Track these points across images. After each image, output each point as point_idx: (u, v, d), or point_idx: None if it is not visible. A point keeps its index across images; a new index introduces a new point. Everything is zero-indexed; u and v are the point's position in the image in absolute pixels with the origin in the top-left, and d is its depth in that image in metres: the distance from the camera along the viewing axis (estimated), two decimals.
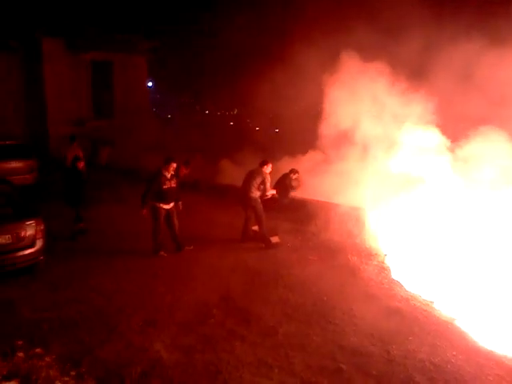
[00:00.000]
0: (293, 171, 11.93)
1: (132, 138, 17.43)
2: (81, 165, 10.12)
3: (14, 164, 12.87)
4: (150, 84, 22.32)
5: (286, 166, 12.68)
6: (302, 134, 14.24)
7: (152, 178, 8.91)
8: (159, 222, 8.91)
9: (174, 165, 9.01)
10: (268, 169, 9.76)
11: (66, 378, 3.56)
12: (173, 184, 8.92)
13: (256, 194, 9.52)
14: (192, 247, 9.26)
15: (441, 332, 6.21)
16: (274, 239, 9.69)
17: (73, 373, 3.72)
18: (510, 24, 9.90)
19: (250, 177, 9.66)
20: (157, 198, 8.81)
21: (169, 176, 8.87)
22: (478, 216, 8.26)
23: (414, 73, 10.80)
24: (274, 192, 10.10)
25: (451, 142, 9.86)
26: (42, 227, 8.01)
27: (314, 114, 12.65)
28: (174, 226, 9.09)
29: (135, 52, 20.15)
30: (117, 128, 18.31)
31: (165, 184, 8.79)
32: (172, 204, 9.00)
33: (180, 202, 9.16)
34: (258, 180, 9.55)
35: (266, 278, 8.01)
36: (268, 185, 9.68)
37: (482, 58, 9.96)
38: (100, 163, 15.28)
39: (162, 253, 8.97)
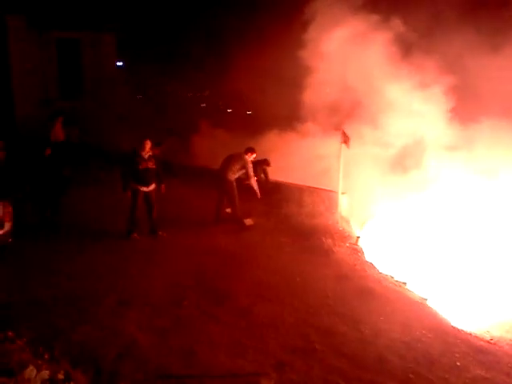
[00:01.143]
0: (266, 162, 11.56)
1: (103, 118, 17.07)
2: (48, 152, 8.89)
3: None
4: (120, 64, 21.82)
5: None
6: (276, 116, 14.11)
7: (127, 158, 8.71)
8: (136, 203, 8.76)
9: (149, 143, 8.74)
10: (251, 157, 9.75)
11: (40, 362, 3.49)
12: (150, 165, 8.68)
13: (233, 177, 9.49)
14: (165, 234, 9.03)
15: (412, 312, 6.37)
16: (248, 221, 9.70)
17: (46, 356, 3.66)
18: None
19: (231, 160, 9.61)
20: (134, 179, 8.65)
21: (146, 156, 8.66)
22: (448, 199, 8.44)
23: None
24: (255, 180, 9.91)
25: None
26: (9, 209, 7.79)
27: (289, 97, 12.55)
28: (152, 208, 8.94)
29: (103, 30, 19.60)
30: (86, 108, 17.88)
31: (141, 164, 8.59)
32: (152, 186, 8.81)
33: (163, 185, 8.94)
34: (238, 165, 9.52)
35: (240, 259, 8.03)
36: (250, 171, 9.61)
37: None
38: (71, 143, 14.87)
39: (135, 235, 8.85)
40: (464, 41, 10.05)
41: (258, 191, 9.86)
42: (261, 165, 11.17)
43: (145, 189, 8.76)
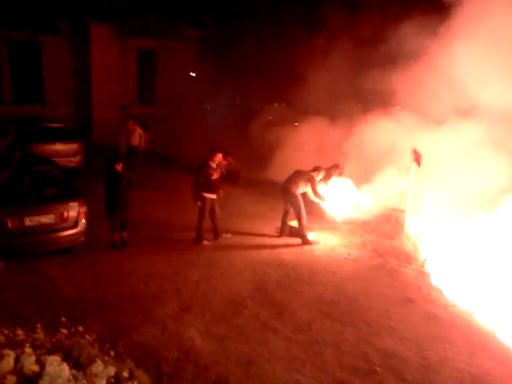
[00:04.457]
0: (337, 166, 11.01)
1: (173, 126, 17.58)
2: (119, 166, 8.43)
3: (60, 146, 13.12)
4: (193, 74, 22.43)
5: None
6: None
7: (200, 169, 9.05)
8: (205, 211, 9.12)
9: (220, 155, 9.26)
10: (319, 176, 9.76)
11: (106, 358, 3.60)
12: (217, 174, 9.14)
13: (297, 190, 9.46)
14: (229, 235, 9.48)
15: (480, 342, 6.04)
16: (311, 236, 9.62)
17: (112, 353, 3.77)
18: None
19: (297, 175, 9.60)
20: (205, 188, 8.99)
21: (215, 166, 9.10)
22: None
23: None
24: (320, 195, 9.77)
25: None
26: (84, 209, 8.15)
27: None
28: (215, 215, 9.33)
29: (181, 40, 20.22)
30: (158, 115, 18.49)
31: (212, 175, 9.00)
32: (216, 194, 9.23)
33: (221, 191, 9.38)
34: (303, 181, 9.51)
35: (301, 273, 7.98)
36: (315, 187, 9.59)
37: None
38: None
39: (205, 242, 9.14)
40: None
41: (324, 200, 9.87)
42: (330, 171, 10.76)
43: (212, 196, 9.18)
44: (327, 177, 10.46)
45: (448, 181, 9.22)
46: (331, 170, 10.89)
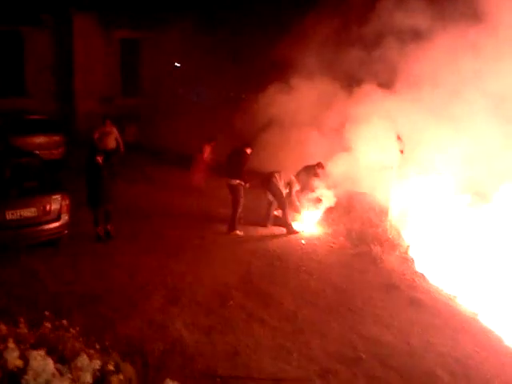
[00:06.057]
0: (320, 165, 10.31)
1: (158, 116, 17.39)
2: (100, 159, 8.40)
3: (42, 139, 12.96)
4: (177, 64, 22.18)
5: None
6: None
7: (241, 157, 9.25)
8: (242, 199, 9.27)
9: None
10: (296, 186, 9.76)
11: (91, 351, 3.57)
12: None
13: (279, 181, 9.45)
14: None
15: (463, 327, 6.16)
16: (296, 225, 9.65)
17: (97, 346, 3.75)
18: None
19: (280, 171, 9.64)
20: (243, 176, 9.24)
21: None
22: (506, 211, 8.10)
23: None
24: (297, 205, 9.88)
25: None
26: (67, 202, 8.05)
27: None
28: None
29: (166, 31, 19.95)
30: (143, 107, 18.29)
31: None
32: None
33: None
34: (284, 178, 9.57)
35: (287, 262, 8.02)
36: (293, 191, 9.67)
37: None
38: (127, 141, 15.20)
39: (238, 232, 9.20)
40: None
41: (298, 208, 9.93)
42: (313, 170, 10.33)
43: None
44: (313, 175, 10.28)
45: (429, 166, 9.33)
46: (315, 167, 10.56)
